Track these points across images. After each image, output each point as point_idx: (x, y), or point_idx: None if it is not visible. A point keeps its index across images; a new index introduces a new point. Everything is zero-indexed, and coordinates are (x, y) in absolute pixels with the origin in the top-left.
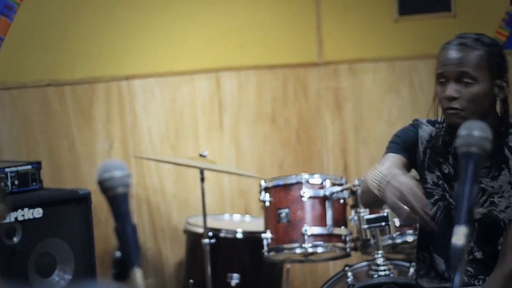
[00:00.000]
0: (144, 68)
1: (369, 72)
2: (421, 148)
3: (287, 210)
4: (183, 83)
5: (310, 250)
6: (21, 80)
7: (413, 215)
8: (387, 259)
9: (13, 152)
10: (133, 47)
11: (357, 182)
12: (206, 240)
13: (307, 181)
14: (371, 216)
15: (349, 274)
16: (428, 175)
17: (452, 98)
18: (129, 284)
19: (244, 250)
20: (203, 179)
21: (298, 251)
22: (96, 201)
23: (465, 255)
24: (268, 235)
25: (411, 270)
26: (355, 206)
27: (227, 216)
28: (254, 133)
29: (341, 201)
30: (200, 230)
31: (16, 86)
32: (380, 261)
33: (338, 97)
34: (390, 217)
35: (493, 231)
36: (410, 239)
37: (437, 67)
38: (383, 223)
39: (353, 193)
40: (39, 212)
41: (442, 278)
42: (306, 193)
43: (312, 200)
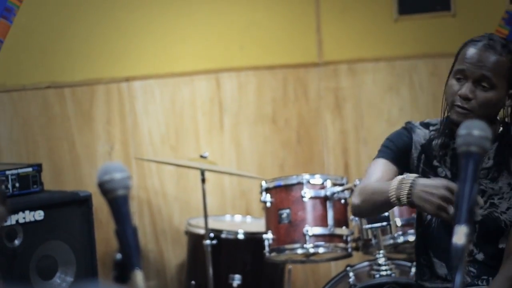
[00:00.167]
0: (144, 69)
1: (369, 72)
2: (415, 153)
3: (288, 211)
4: (183, 84)
5: (312, 250)
6: (21, 83)
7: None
8: (388, 259)
9: (13, 154)
10: (133, 48)
11: (357, 182)
12: (208, 241)
13: (308, 182)
14: None
15: (351, 274)
16: None
17: (467, 99)
18: (130, 286)
19: (245, 251)
20: (204, 180)
21: (300, 251)
22: (97, 203)
23: (465, 255)
24: (269, 235)
25: (413, 270)
26: None
27: (228, 217)
28: (254, 133)
29: (342, 201)
30: (202, 231)
31: (16, 88)
32: (381, 261)
33: (338, 97)
34: (391, 217)
35: (494, 232)
36: (411, 238)
37: (458, 61)
38: (384, 223)
39: None
40: (40, 215)
41: (444, 280)
42: (307, 193)
43: (313, 201)
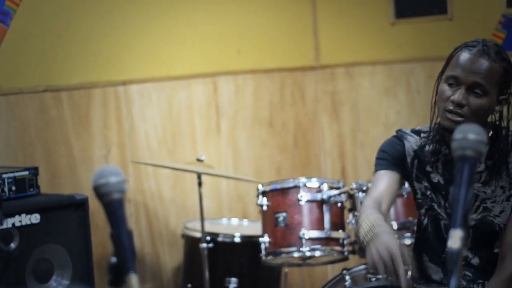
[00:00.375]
0: (140, 73)
1: (366, 75)
2: (408, 159)
3: (284, 214)
4: (180, 87)
5: (308, 254)
6: (18, 86)
7: (389, 277)
8: None
9: (10, 157)
10: (130, 52)
11: (354, 186)
12: (204, 245)
13: (305, 185)
14: None
15: (347, 277)
16: (416, 186)
17: (460, 105)
18: None
19: (242, 254)
20: (200, 184)
21: (296, 255)
22: (93, 207)
23: (461, 258)
24: (266, 239)
25: (409, 274)
26: (352, 209)
27: (225, 221)
28: (251, 137)
29: (339, 204)
30: (198, 235)
31: (13, 92)
32: None
33: (335, 100)
34: (387, 220)
35: (488, 237)
36: (408, 242)
37: (450, 66)
38: None
39: (351, 196)
40: (36, 218)
41: (440, 284)
42: (304, 196)
43: (310, 204)
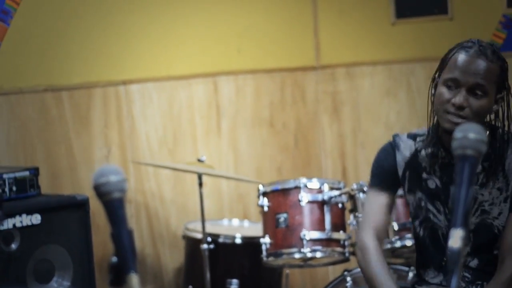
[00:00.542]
0: (141, 73)
1: (366, 75)
2: (400, 172)
3: (285, 215)
4: (180, 87)
5: (309, 255)
6: (18, 86)
7: None
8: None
9: (10, 158)
10: (130, 51)
11: (355, 186)
12: (205, 246)
13: (305, 186)
14: None
15: (348, 278)
16: (409, 199)
17: (461, 107)
18: None
19: (243, 255)
20: (201, 184)
21: (297, 256)
22: (94, 207)
23: (462, 258)
24: (266, 240)
25: (410, 275)
26: (353, 210)
27: (225, 221)
28: (252, 137)
29: (340, 205)
30: (199, 236)
31: (13, 91)
32: None
33: (336, 100)
34: (389, 221)
35: (489, 240)
36: (409, 243)
37: (447, 69)
38: None
39: (352, 197)
40: (37, 218)
41: (439, 285)
42: (305, 197)
43: (311, 205)
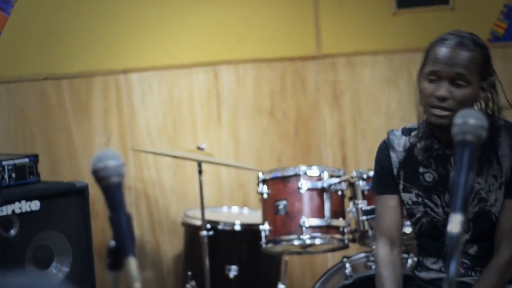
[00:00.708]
0: (141, 61)
1: (367, 65)
2: (395, 171)
3: (285, 202)
4: (180, 76)
5: (308, 241)
6: (18, 74)
7: None
8: None
9: (10, 145)
10: (130, 40)
11: (355, 174)
12: (204, 233)
13: (305, 173)
14: (369, 207)
15: (347, 265)
16: (405, 197)
17: (444, 99)
18: (124, 273)
19: (242, 242)
20: (201, 172)
21: (296, 242)
22: (93, 194)
23: (461, 243)
24: (266, 227)
25: (409, 262)
26: (353, 197)
27: (225, 209)
28: (252, 126)
29: (339, 192)
30: (198, 223)
31: (14, 79)
32: None
33: (336, 90)
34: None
35: (488, 227)
36: (408, 230)
37: (428, 62)
38: None
39: (351, 184)
40: (36, 205)
41: (438, 271)
42: (304, 185)
43: (310, 192)
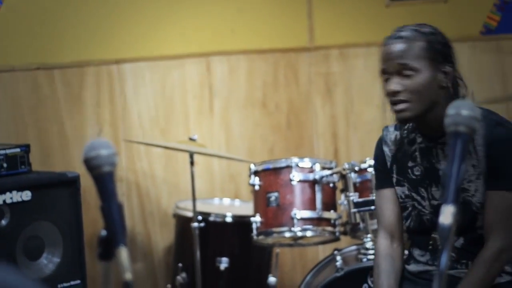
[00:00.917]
0: (134, 52)
1: (360, 57)
2: (388, 165)
3: (276, 194)
4: (173, 67)
5: (299, 234)
6: (11, 63)
7: None
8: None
9: (2, 135)
10: (123, 30)
11: (346, 166)
12: (196, 224)
13: (297, 165)
14: (360, 199)
15: (338, 258)
16: (398, 190)
17: (396, 92)
18: (115, 263)
19: (233, 234)
20: (192, 163)
21: (287, 234)
22: (85, 185)
23: (452, 234)
24: (257, 218)
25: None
26: (344, 190)
27: (216, 200)
28: (244, 117)
29: (331, 185)
30: (190, 214)
31: (6, 69)
32: (369, 245)
33: (329, 82)
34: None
35: (469, 217)
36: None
37: (379, 63)
38: (372, 207)
39: (343, 177)
40: (27, 195)
41: (425, 264)
42: (296, 176)
43: (302, 184)
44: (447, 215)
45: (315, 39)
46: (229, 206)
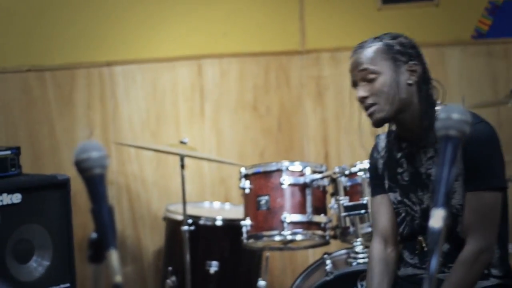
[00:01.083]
0: (125, 54)
1: None
2: (380, 172)
3: (267, 197)
4: (164, 70)
5: (289, 237)
6: (1, 65)
7: None
8: (366, 247)
9: None
10: (114, 33)
11: (337, 170)
12: (186, 227)
13: (287, 169)
14: (350, 203)
15: (328, 262)
16: (391, 196)
17: (364, 98)
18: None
19: (223, 238)
20: (183, 166)
21: (277, 238)
22: (75, 188)
23: (442, 238)
24: (247, 222)
25: None
26: (335, 194)
27: (207, 204)
28: (235, 121)
29: (321, 188)
30: (180, 217)
31: None
32: (359, 249)
33: (320, 85)
34: (369, 205)
35: (451, 219)
36: None
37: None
38: (362, 211)
39: (333, 180)
40: (17, 198)
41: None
42: (286, 180)
43: (292, 188)
44: (437, 218)
45: (306, 42)
46: (219, 209)
